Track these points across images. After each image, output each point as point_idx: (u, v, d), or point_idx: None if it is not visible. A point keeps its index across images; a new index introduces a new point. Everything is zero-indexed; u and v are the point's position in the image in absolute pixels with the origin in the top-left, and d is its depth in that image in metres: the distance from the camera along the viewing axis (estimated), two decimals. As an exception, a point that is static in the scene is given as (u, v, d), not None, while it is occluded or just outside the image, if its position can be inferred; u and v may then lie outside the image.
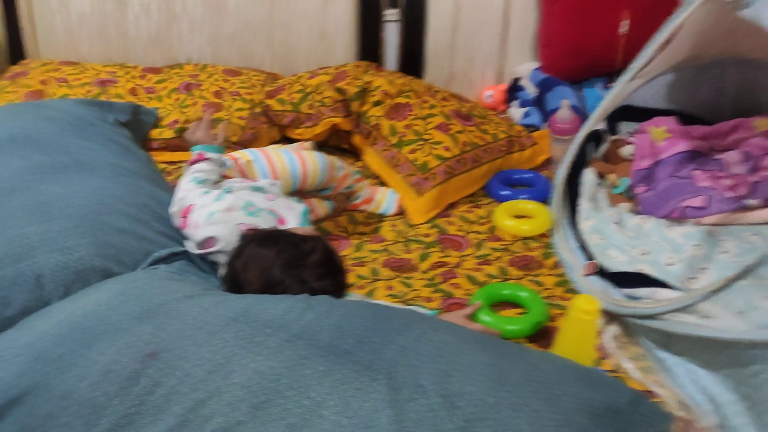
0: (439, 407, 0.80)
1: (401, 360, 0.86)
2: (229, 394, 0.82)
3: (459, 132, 1.69)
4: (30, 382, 0.88)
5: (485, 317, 1.20)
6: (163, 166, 1.74)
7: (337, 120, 1.79)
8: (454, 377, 0.83)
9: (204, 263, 1.24)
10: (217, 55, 2.18)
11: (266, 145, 1.75)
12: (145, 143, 1.80)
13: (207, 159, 1.35)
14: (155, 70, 2.07)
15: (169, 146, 1.82)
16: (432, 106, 1.75)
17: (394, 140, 1.68)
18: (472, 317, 1.20)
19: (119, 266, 1.18)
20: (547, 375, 0.87)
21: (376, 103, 1.75)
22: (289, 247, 1.11)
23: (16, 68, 2.05)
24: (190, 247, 1.24)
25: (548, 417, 0.81)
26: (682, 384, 1.09)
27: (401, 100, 1.75)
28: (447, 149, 1.64)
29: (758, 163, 1.62)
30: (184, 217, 1.26)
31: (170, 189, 1.54)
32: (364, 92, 1.77)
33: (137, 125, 1.78)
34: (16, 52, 2.19)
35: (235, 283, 1.12)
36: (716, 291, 1.04)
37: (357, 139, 1.80)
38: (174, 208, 1.30)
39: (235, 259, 1.14)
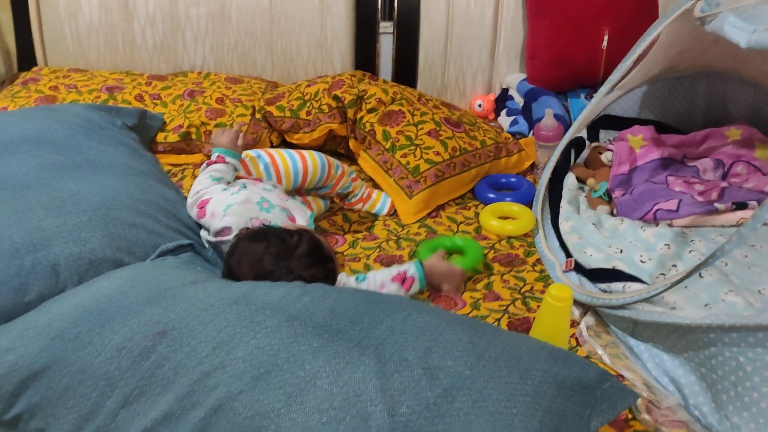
0: (420, 378, 0.89)
1: (388, 338, 0.95)
2: (232, 367, 0.91)
3: (449, 138, 1.78)
4: (50, 359, 0.97)
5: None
6: (168, 167, 1.83)
7: (334, 126, 1.89)
8: (435, 353, 0.92)
9: (209, 255, 1.34)
10: (219, 64, 2.28)
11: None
12: (151, 146, 1.89)
13: (226, 162, 1.48)
14: (160, 78, 2.16)
15: (174, 149, 1.91)
16: (423, 114, 1.83)
17: (387, 145, 1.77)
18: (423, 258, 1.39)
19: (130, 257, 1.27)
20: (521, 353, 0.96)
21: (370, 110, 1.84)
22: (277, 241, 1.23)
23: (27, 74, 2.15)
24: (205, 235, 1.35)
25: (520, 388, 0.90)
26: (648, 368, 1.19)
27: (394, 107, 1.84)
28: (437, 154, 1.73)
29: (728, 171, 1.72)
30: (201, 207, 1.37)
31: (175, 188, 1.63)
32: (359, 100, 1.86)
33: (144, 129, 1.87)
34: (27, 59, 2.29)
35: (231, 278, 1.22)
36: (678, 282, 1.13)
37: (352, 144, 1.89)
38: (191, 200, 1.43)
39: (230, 255, 1.25)
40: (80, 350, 0.96)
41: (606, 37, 2.06)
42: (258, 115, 1.97)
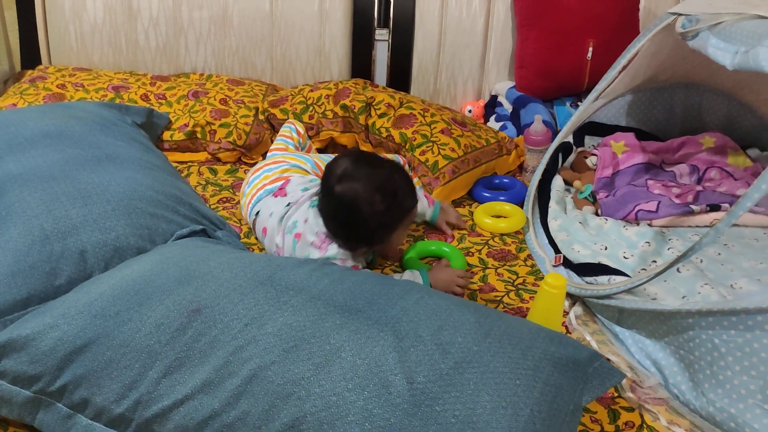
0: (434, 352, 0.98)
1: (403, 317, 1.04)
2: (263, 341, 1.00)
3: (460, 136, 1.87)
4: (93, 334, 1.05)
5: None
6: (174, 165, 1.91)
7: (335, 134, 1.98)
8: (446, 330, 1.02)
9: (221, 238, 1.41)
10: (220, 67, 2.36)
11: (269, 149, 1.91)
12: (158, 144, 1.96)
13: None
14: (163, 78, 2.23)
15: (180, 147, 1.98)
16: (432, 114, 1.93)
17: (407, 146, 1.86)
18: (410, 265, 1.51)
19: (151, 245, 1.35)
20: (522, 333, 1.06)
21: (381, 115, 1.92)
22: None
23: (34, 73, 2.21)
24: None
25: (521, 363, 1.00)
26: (631, 352, 1.30)
27: (404, 111, 1.93)
28: (453, 150, 1.82)
29: (703, 176, 1.85)
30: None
31: (185, 182, 1.71)
32: (368, 107, 1.96)
33: (151, 127, 1.95)
34: (31, 58, 2.35)
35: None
36: (659, 273, 1.25)
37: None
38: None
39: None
40: (121, 326, 1.04)
41: (591, 49, 2.19)
42: (261, 116, 2.06)
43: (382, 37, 2.37)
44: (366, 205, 1.30)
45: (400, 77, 2.40)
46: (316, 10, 2.31)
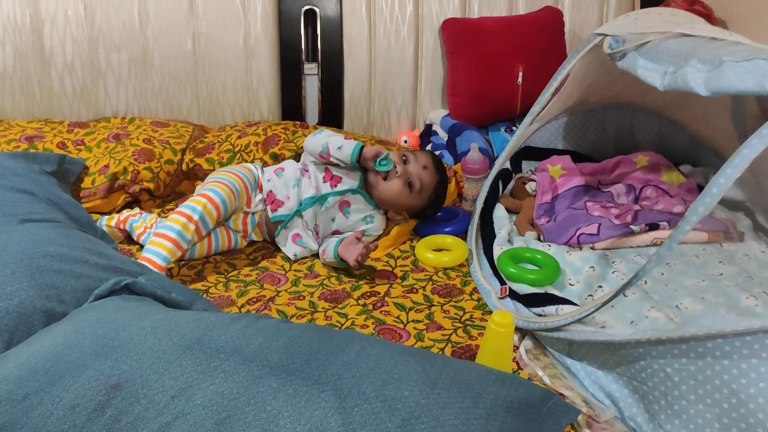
0: (380, 410, 0.91)
1: (345, 373, 0.97)
2: (193, 415, 0.90)
3: None
4: (-3, 423, 0.93)
5: (512, 269, 1.54)
6: (96, 217, 1.79)
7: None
8: (391, 384, 0.95)
9: (146, 288, 1.29)
10: (144, 109, 2.26)
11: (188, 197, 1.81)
12: (77, 193, 1.83)
13: (340, 148, 1.67)
14: (82, 125, 2.12)
15: (99, 192, 1.82)
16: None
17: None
18: (504, 267, 1.57)
19: (61, 305, 1.22)
20: (471, 378, 1.01)
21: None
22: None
23: (-64, 126, 2.06)
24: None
25: (473, 412, 0.94)
26: (585, 385, 1.26)
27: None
28: None
29: (639, 194, 1.86)
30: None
31: (97, 227, 1.60)
32: (297, 156, 1.89)
33: (64, 174, 1.80)
34: (-65, 110, 2.20)
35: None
36: (607, 301, 1.22)
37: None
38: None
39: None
40: (30, 412, 0.93)
41: (521, 74, 2.19)
42: (185, 167, 1.96)
43: (311, 71, 2.32)
44: None
45: (332, 111, 2.35)
46: (241, 46, 2.25)
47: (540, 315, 1.43)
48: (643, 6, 2.45)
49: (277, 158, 1.89)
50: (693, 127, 1.95)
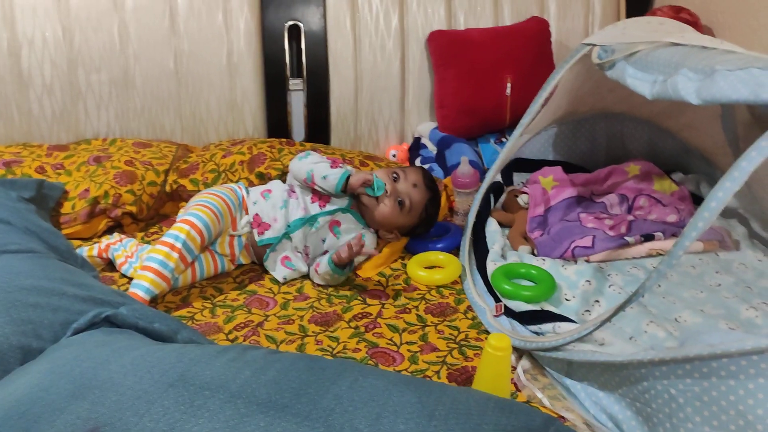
0: (375, 447, 0.87)
1: (336, 407, 0.92)
2: (175, 458, 0.86)
3: None
4: (-31, 472, 0.88)
5: (506, 286, 1.51)
6: (78, 243, 1.74)
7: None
8: (385, 418, 0.91)
9: (129, 319, 1.24)
10: (125, 130, 2.21)
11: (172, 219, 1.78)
12: (57, 219, 1.78)
13: (325, 177, 1.62)
14: (61, 148, 2.07)
15: (79, 217, 1.77)
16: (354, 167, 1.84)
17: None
18: (498, 284, 1.54)
19: (38, 341, 1.16)
20: (469, 407, 0.96)
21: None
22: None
23: None
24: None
25: (472, 445, 0.90)
26: (585, 406, 1.22)
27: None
28: None
29: (632, 204, 1.83)
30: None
31: (77, 255, 1.55)
32: (283, 175, 1.85)
33: (43, 200, 1.75)
34: None
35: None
36: (607, 320, 1.18)
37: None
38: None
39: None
40: (3, 459, 0.88)
41: (509, 85, 2.17)
42: (168, 189, 1.91)
43: (297, 86, 2.28)
44: None
45: (318, 126, 2.31)
46: (224, 63, 2.21)
47: (537, 333, 1.39)
48: (628, 15, 2.43)
49: (263, 177, 1.85)
50: (683, 135, 1.93)
